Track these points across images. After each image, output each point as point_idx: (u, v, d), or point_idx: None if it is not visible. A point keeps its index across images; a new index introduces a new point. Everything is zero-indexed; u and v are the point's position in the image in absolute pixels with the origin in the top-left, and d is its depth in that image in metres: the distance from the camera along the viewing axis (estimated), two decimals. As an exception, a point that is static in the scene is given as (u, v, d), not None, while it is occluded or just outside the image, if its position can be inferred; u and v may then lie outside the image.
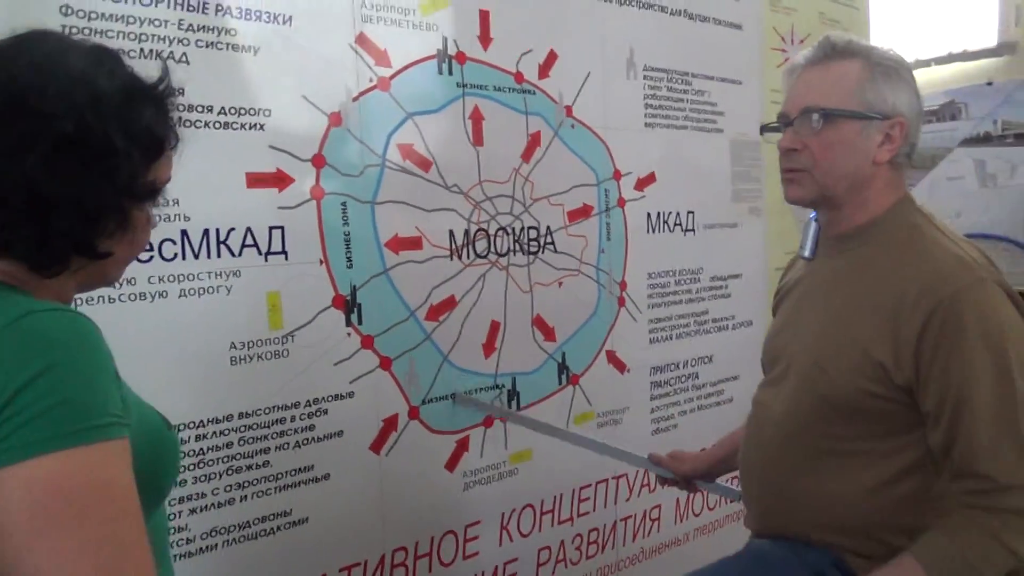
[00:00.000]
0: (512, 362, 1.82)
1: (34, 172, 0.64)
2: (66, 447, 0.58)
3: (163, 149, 0.75)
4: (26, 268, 0.68)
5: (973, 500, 1.04)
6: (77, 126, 0.65)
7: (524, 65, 1.81)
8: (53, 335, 0.61)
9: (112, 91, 0.69)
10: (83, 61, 0.69)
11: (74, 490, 0.58)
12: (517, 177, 1.80)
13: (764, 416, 1.28)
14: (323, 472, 1.51)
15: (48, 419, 0.58)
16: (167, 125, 0.76)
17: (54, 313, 0.63)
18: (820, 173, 1.17)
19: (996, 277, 1.10)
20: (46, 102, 0.65)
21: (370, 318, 1.56)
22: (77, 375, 0.60)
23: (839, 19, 2.77)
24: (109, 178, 0.68)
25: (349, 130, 1.52)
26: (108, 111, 0.68)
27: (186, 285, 1.33)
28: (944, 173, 3.68)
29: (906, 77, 1.17)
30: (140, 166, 0.71)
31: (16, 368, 0.58)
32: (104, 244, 0.70)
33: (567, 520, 1.98)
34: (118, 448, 0.62)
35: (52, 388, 0.58)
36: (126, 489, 0.62)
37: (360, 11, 1.54)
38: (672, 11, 2.15)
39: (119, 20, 1.26)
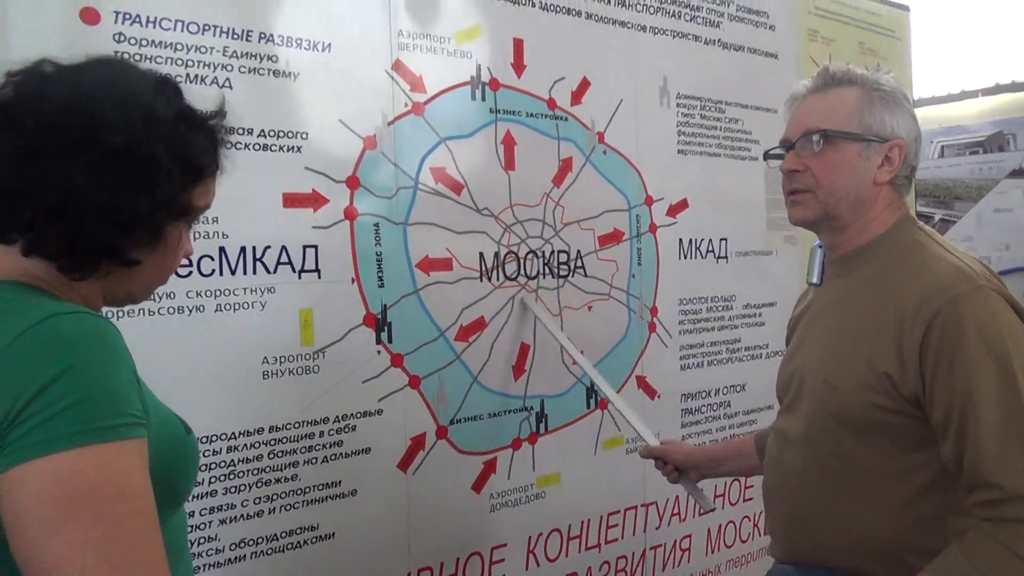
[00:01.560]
0: (540, 385, 1.83)
1: (77, 176, 0.67)
2: (83, 444, 0.60)
3: (203, 174, 0.78)
4: (54, 270, 0.71)
5: (986, 512, 1.02)
6: (127, 141, 0.69)
7: (557, 92, 1.84)
8: (74, 337, 0.63)
9: (165, 114, 0.73)
10: (142, 85, 0.74)
11: (88, 487, 0.59)
12: (548, 201, 1.83)
13: (781, 442, 1.28)
14: (350, 488, 1.53)
15: (66, 418, 0.60)
16: (214, 155, 0.79)
17: (76, 316, 0.65)
18: (823, 193, 1.19)
19: (996, 286, 1.09)
20: (102, 114, 0.69)
21: (400, 337, 1.59)
22: (96, 376, 0.62)
23: (878, 49, 2.75)
24: (148, 192, 0.71)
25: (383, 153, 1.57)
26: (158, 132, 0.71)
27: (222, 300, 1.38)
28: (991, 205, 3.61)
29: (903, 103, 1.20)
30: (180, 186, 0.74)
31: (39, 368, 0.61)
32: (134, 253, 0.73)
33: (595, 546, 1.96)
34: (135, 447, 0.64)
35: (72, 388, 0.61)
36: (140, 488, 0.63)
37: (397, 39, 1.59)
38: (706, 40, 2.17)
39: (168, 47, 1.33)
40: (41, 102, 0.68)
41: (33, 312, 0.64)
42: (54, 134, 0.67)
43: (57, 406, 0.60)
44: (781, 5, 2.38)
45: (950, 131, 3.76)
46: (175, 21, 1.33)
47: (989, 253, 3.61)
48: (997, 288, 1.09)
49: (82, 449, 0.60)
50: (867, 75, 1.21)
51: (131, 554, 0.60)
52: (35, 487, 0.58)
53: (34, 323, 0.63)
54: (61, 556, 0.58)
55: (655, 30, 2.04)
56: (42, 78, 0.71)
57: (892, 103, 1.18)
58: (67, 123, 0.68)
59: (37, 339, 0.62)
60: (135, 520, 0.61)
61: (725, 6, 2.21)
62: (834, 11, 2.59)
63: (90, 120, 0.68)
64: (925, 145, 3.70)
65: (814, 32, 2.52)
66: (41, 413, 0.59)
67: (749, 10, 2.28)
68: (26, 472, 0.59)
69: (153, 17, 1.31)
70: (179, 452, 0.75)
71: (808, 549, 1.22)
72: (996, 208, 3.60)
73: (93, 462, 0.60)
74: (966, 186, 3.72)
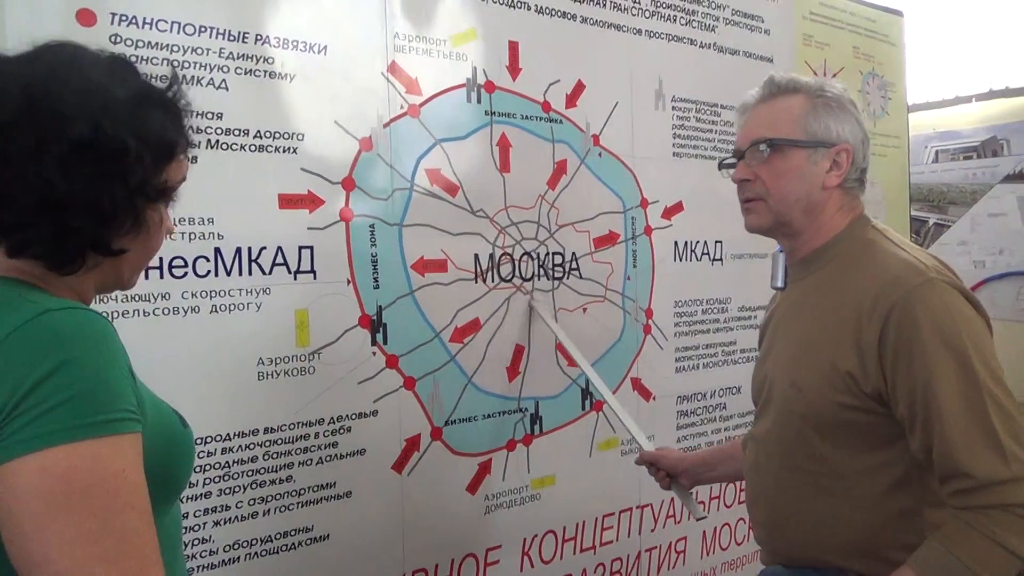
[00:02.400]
0: (535, 386, 1.83)
1: (50, 173, 0.66)
2: (76, 439, 0.60)
3: (174, 152, 0.77)
4: (44, 267, 0.71)
5: (961, 501, 1.03)
6: (92, 129, 0.68)
7: (552, 95, 1.85)
8: (68, 332, 0.63)
9: (125, 97, 0.71)
10: (98, 69, 0.72)
11: (81, 482, 0.60)
12: (543, 203, 1.83)
13: (756, 447, 1.30)
14: (345, 489, 1.53)
15: (60, 413, 0.60)
16: (179, 129, 0.78)
17: (69, 311, 0.65)
18: (774, 200, 1.22)
19: (948, 278, 1.10)
20: (62, 106, 0.67)
21: (395, 338, 1.59)
22: (90, 371, 0.63)
23: (873, 53, 2.77)
24: (122, 179, 0.70)
25: (379, 155, 1.57)
26: (121, 116, 0.70)
27: (218, 301, 1.38)
28: (985, 210, 3.63)
29: (848, 108, 1.22)
30: (152, 167, 0.73)
31: (32, 364, 0.61)
32: (119, 242, 0.73)
33: (589, 548, 1.96)
34: (128, 442, 0.64)
35: (66, 383, 0.61)
36: (133, 483, 0.63)
37: (393, 41, 1.60)
38: (701, 44, 2.18)
39: (164, 48, 1.33)
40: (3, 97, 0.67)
41: (26, 308, 0.64)
42: (18, 134, 0.66)
43: (51, 401, 0.60)
44: (776, 10, 2.39)
45: (944, 136, 3.78)
46: (171, 22, 1.34)
47: (983, 257, 3.62)
48: (949, 280, 1.10)
49: (76, 444, 0.60)
50: (812, 82, 1.23)
51: (123, 548, 0.60)
52: (28, 482, 0.59)
53: (27, 319, 0.63)
54: (53, 550, 0.58)
55: (650, 33, 2.05)
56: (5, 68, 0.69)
57: (837, 108, 1.20)
58: (29, 121, 0.66)
59: (31, 335, 0.62)
60: (127, 515, 0.61)
61: (720, 10, 2.22)
62: (829, 16, 2.60)
63: (51, 115, 0.67)
64: (919, 150, 3.72)
65: (809, 37, 2.53)
66: (35, 408, 0.60)
67: (744, 14, 2.29)
68: (20, 467, 0.59)
69: (149, 18, 1.31)
70: (176, 446, 0.75)
71: (790, 549, 1.23)
72: (990, 213, 3.62)
73: (86, 457, 0.60)
74: (960, 191, 3.73)
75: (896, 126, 2.86)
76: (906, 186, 2.93)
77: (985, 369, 1.04)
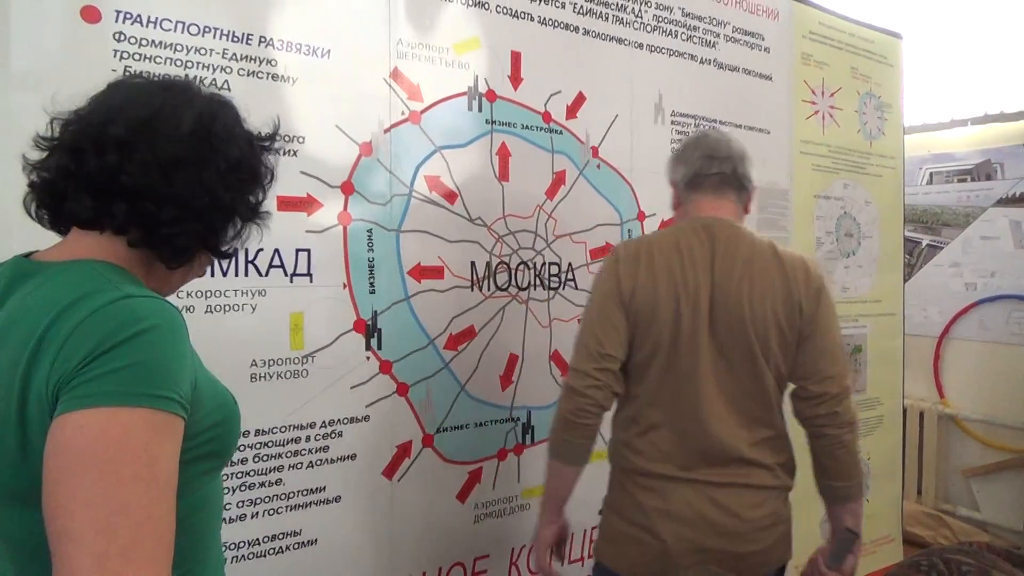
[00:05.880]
0: (528, 396, 1.83)
1: (213, 183, 0.79)
2: (115, 404, 0.64)
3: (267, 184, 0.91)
4: (154, 257, 0.80)
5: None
6: (240, 155, 0.83)
7: (552, 105, 1.86)
8: (141, 315, 0.69)
9: (250, 135, 0.87)
10: (229, 108, 0.86)
11: (103, 445, 0.62)
12: (541, 213, 1.84)
13: None
14: (335, 494, 1.53)
15: (112, 378, 0.64)
16: (271, 168, 0.92)
17: (147, 299, 0.71)
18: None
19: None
20: (224, 132, 0.82)
21: (389, 344, 1.59)
22: (151, 349, 0.67)
23: (871, 75, 2.79)
24: (251, 196, 0.86)
25: (379, 160, 1.58)
26: (255, 148, 0.86)
27: (213, 302, 1.38)
28: (978, 232, 3.65)
29: (679, 155, 1.54)
30: (263, 192, 0.89)
31: (104, 337, 0.66)
32: (224, 246, 0.86)
33: (578, 560, 1.96)
34: (164, 421, 0.66)
35: (125, 354, 0.66)
36: (152, 457, 0.64)
37: (396, 47, 1.60)
38: (702, 60, 2.19)
39: (168, 47, 1.33)
40: (178, 119, 0.78)
41: (111, 292, 0.70)
42: (192, 146, 0.78)
43: (107, 367, 0.65)
44: (776, 28, 2.41)
45: (939, 159, 3.81)
46: (176, 22, 1.34)
47: (975, 280, 3.65)
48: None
49: (114, 409, 0.63)
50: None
51: (119, 520, 0.61)
52: (65, 437, 0.63)
53: (113, 300, 0.69)
54: (60, 507, 0.61)
55: (651, 48, 2.07)
56: (164, 94, 0.80)
57: (674, 158, 1.55)
58: (200, 139, 0.79)
59: (109, 314, 0.68)
60: (134, 487, 0.62)
61: (721, 27, 2.24)
62: (828, 36, 2.62)
63: (217, 137, 0.81)
64: (914, 171, 3.75)
65: (808, 56, 2.55)
66: (93, 371, 0.64)
67: (745, 32, 2.31)
68: (64, 422, 0.63)
69: (154, 17, 1.32)
70: (230, 418, 0.83)
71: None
72: (983, 235, 3.64)
73: (119, 422, 0.63)
74: (953, 213, 3.76)
75: (892, 147, 2.88)
76: (900, 207, 2.95)
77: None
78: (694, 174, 1.47)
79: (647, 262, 1.39)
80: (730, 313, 1.36)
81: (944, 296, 3.73)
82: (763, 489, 1.39)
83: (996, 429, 3.51)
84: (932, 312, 3.76)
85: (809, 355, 1.39)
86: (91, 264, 0.76)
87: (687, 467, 1.38)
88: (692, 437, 1.38)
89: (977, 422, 3.58)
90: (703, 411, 1.36)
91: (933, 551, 1.10)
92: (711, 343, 1.37)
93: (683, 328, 1.37)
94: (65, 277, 0.73)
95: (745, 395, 1.38)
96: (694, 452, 1.38)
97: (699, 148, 1.48)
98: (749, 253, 1.39)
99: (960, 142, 3.77)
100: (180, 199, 0.78)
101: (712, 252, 1.39)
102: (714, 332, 1.37)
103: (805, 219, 2.54)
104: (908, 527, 3.27)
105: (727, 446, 1.36)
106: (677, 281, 1.38)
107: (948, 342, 3.72)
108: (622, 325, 1.39)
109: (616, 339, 1.38)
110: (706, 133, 1.53)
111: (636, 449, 1.43)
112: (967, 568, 1.06)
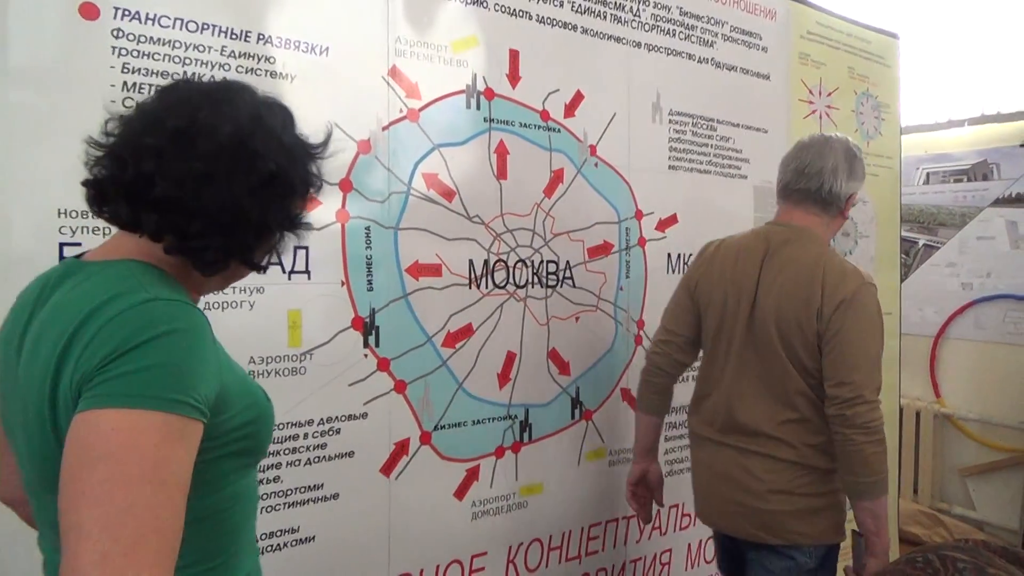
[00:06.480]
0: (526, 394, 1.83)
1: (243, 199, 0.79)
2: (129, 406, 0.65)
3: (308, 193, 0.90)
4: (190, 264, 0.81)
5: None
6: (275, 168, 0.81)
7: (550, 104, 1.86)
8: (164, 319, 0.70)
9: (293, 145, 0.86)
10: (276, 117, 0.85)
11: (114, 445, 0.64)
12: (538, 211, 1.84)
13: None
14: (332, 491, 1.53)
15: (127, 380, 0.66)
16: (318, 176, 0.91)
17: (173, 303, 0.73)
18: None
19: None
20: (257, 146, 0.80)
21: (387, 341, 1.59)
22: (170, 353, 0.69)
23: (868, 75, 2.80)
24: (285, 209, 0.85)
25: (377, 157, 1.58)
26: (293, 160, 0.84)
27: (210, 298, 1.37)
28: (974, 232, 3.66)
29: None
30: (300, 205, 0.88)
31: (126, 338, 0.68)
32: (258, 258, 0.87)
33: (575, 558, 1.96)
34: (178, 425, 0.67)
35: (142, 356, 0.67)
36: (163, 459, 0.65)
37: (394, 45, 1.60)
38: (700, 59, 2.20)
39: (166, 44, 1.33)
40: (214, 131, 0.78)
41: (140, 294, 0.72)
42: (225, 161, 0.78)
43: (125, 368, 0.66)
44: (774, 28, 2.42)
45: (936, 159, 3.82)
46: (174, 19, 1.34)
47: (971, 280, 3.66)
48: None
49: (127, 411, 0.65)
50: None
51: (124, 518, 0.61)
52: (79, 433, 0.65)
53: (139, 303, 0.71)
54: (69, 500, 0.62)
55: (649, 47, 2.07)
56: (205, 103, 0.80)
57: (781, 162, 1.68)
58: (235, 152, 0.79)
59: (135, 315, 0.70)
60: (142, 488, 0.63)
61: (719, 26, 2.24)
62: (825, 36, 2.63)
63: (251, 150, 0.80)
64: (911, 172, 3.75)
65: (805, 55, 2.56)
66: (112, 371, 0.66)
67: (742, 31, 2.31)
68: (82, 418, 0.65)
69: (152, 14, 1.32)
70: (263, 416, 0.85)
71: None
72: (979, 236, 3.66)
73: (130, 424, 0.64)
74: (950, 213, 3.77)
75: (889, 147, 2.89)
76: (897, 207, 2.96)
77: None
78: (783, 185, 1.66)
79: (713, 258, 1.70)
80: (764, 310, 1.57)
81: (940, 296, 3.74)
82: (782, 461, 1.56)
83: (992, 428, 3.52)
84: (928, 312, 3.77)
85: (830, 360, 1.49)
86: (127, 264, 0.78)
87: (723, 433, 1.64)
88: (726, 410, 1.62)
89: (973, 421, 3.59)
90: (733, 390, 1.61)
91: (929, 547, 1.11)
92: (747, 333, 1.60)
93: (727, 317, 1.62)
94: (101, 277, 0.76)
95: (770, 381, 1.57)
96: (728, 422, 1.62)
97: (796, 160, 1.63)
98: (791, 259, 1.57)
99: (957, 142, 3.78)
100: (207, 214, 0.78)
101: (764, 254, 1.61)
102: (751, 324, 1.59)
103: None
104: (904, 526, 3.29)
105: (751, 421, 1.58)
106: (729, 277, 1.64)
107: (944, 342, 3.73)
108: (687, 308, 1.73)
109: (681, 319, 1.74)
110: (808, 143, 1.64)
111: (694, 412, 1.73)
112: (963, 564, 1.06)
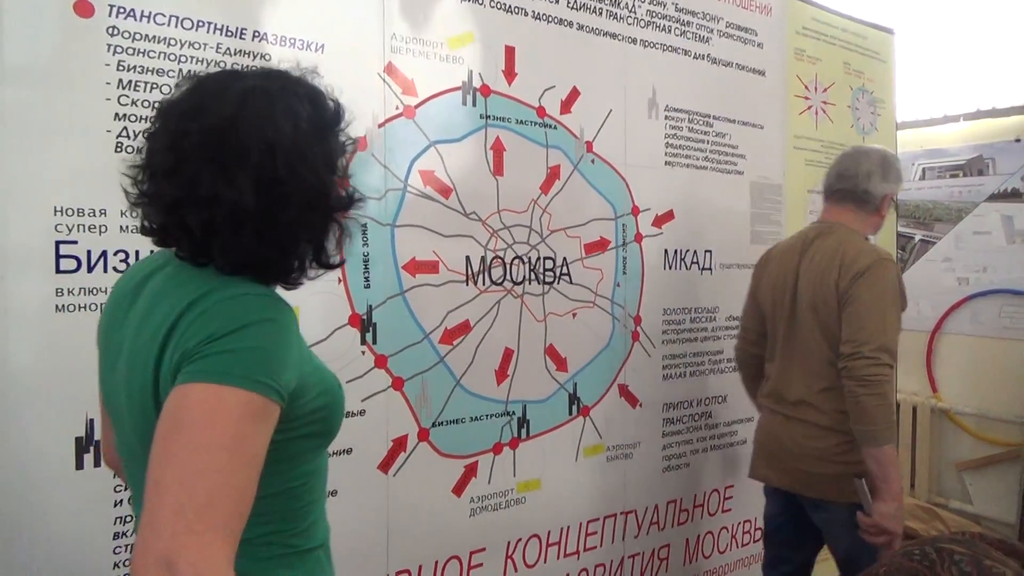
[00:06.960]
0: (523, 390, 1.84)
1: (309, 220, 0.85)
2: (218, 382, 0.71)
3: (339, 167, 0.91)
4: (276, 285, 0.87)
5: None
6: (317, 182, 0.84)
7: (547, 100, 1.86)
8: (256, 309, 0.78)
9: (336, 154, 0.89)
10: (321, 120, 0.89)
11: (198, 414, 0.70)
12: (535, 208, 1.84)
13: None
14: (331, 488, 1.51)
15: (221, 359, 0.73)
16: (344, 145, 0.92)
17: (263, 296, 0.81)
18: None
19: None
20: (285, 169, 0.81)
21: (385, 338, 1.59)
22: (259, 340, 0.75)
23: (863, 70, 2.80)
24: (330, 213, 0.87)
25: (373, 154, 1.58)
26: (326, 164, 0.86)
27: (208, 296, 1.37)
28: (970, 227, 3.67)
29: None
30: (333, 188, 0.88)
31: (223, 324, 0.75)
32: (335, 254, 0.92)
33: (573, 553, 1.97)
34: (258, 403, 0.73)
35: (237, 339, 0.74)
36: (240, 432, 0.71)
37: (390, 42, 1.60)
38: (695, 55, 2.20)
39: (161, 42, 1.33)
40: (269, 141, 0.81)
41: (236, 288, 0.80)
42: (294, 195, 0.82)
43: (221, 348, 0.73)
44: (769, 24, 2.42)
45: (931, 154, 3.82)
46: (169, 16, 1.34)
47: (967, 275, 3.66)
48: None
49: (216, 386, 0.71)
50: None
51: (200, 479, 0.67)
52: (173, 403, 0.71)
53: (237, 294, 0.79)
54: (155, 459, 0.69)
55: (645, 43, 2.07)
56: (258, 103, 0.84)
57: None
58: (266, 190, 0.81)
59: (230, 305, 0.78)
60: (219, 454, 0.68)
61: (715, 22, 2.24)
62: (821, 31, 2.63)
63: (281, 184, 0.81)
64: (907, 167, 3.76)
65: (801, 51, 2.56)
66: (209, 351, 0.73)
67: (738, 27, 2.31)
68: (178, 391, 0.72)
69: (147, 12, 1.31)
70: (335, 402, 0.92)
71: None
72: (975, 231, 3.66)
73: (218, 397, 0.71)
74: (946, 208, 3.77)
75: (885, 142, 2.88)
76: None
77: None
78: (826, 187, 1.93)
79: (766, 262, 1.99)
80: (801, 294, 1.83)
81: (936, 291, 3.75)
82: (818, 427, 1.79)
83: (988, 423, 3.53)
84: (925, 307, 3.78)
85: (844, 325, 1.71)
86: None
87: (776, 403, 1.90)
88: (777, 385, 1.90)
89: (969, 416, 3.60)
90: (782, 367, 1.89)
91: (926, 540, 1.11)
92: (791, 318, 1.86)
93: (777, 308, 1.90)
94: (196, 271, 0.83)
95: (806, 355, 1.82)
96: (779, 394, 1.89)
97: (837, 165, 1.91)
98: (820, 248, 1.82)
99: (952, 137, 3.78)
100: (276, 242, 0.83)
101: (803, 249, 1.87)
102: (794, 309, 1.85)
103: (798, 214, 2.54)
104: (901, 520, 3.29)
105: (792, 391, 1.85)
106: (776, 277, 1.91)
107: (941, 337, 3.74)
108: (753, 307, 2.02)
109: (750, 315, 2.04)
110: (848, 151, 1.93)
111: (761, 390, 1.99)
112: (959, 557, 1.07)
